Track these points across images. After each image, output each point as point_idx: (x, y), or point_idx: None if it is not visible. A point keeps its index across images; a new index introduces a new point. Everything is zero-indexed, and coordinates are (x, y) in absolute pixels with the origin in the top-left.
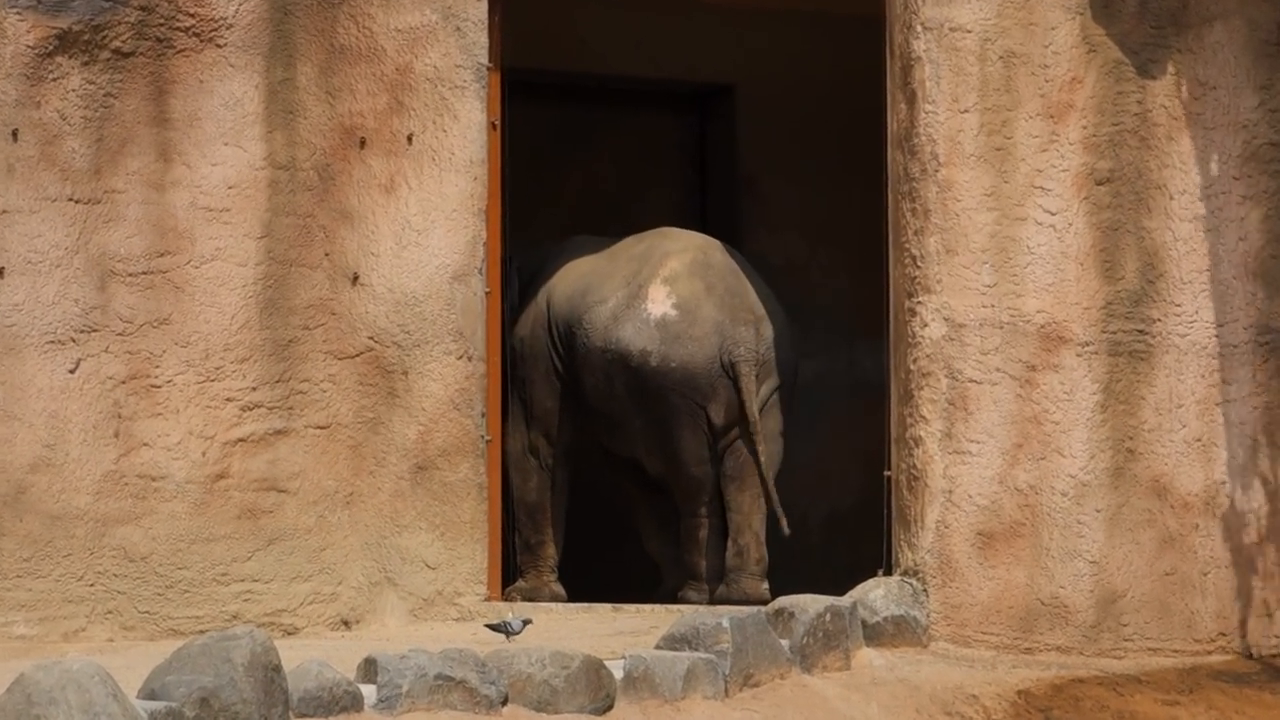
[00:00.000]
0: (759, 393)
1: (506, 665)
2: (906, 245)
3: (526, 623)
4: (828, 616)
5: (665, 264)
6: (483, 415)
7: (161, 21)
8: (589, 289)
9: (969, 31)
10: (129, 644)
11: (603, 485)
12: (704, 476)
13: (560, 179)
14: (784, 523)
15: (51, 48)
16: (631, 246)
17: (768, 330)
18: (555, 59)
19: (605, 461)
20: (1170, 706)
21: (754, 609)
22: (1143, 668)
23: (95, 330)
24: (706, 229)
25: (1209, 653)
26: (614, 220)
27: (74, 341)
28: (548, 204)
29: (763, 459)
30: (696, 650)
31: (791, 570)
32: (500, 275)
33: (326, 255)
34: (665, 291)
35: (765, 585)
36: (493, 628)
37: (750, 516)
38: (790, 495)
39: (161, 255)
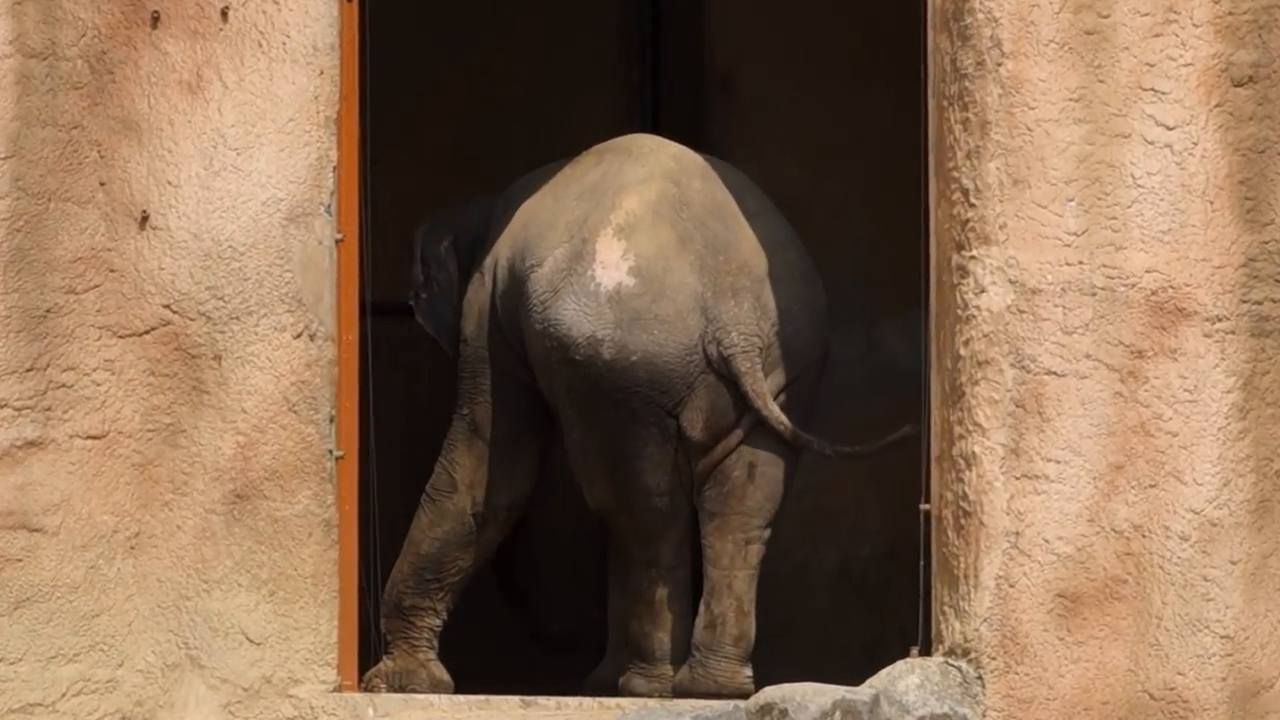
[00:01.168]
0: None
1: None
2: (955, 174)
3: None
4: (837, 716)
5: (620, 203)
6: (331, 420)
7: None
8: (527, 248)
9: None
10: None
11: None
12: (668, 511)
13: (446, 77)
14: (826, 446)
15: None
16: (585, 173)
17: (771, 299)
18: None
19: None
20: None
21: (729, 704)
22: None
23: None
24: None
25: None
26: (523, 140)
27: None
28: (425, 116)
29: (785, 434)
30: None
31: (785, 647)
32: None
33: (102, 185)
34: (620, 249)
35: (748, 671)
36: None
37: (733, 572)
38: (782, 538)
39: None
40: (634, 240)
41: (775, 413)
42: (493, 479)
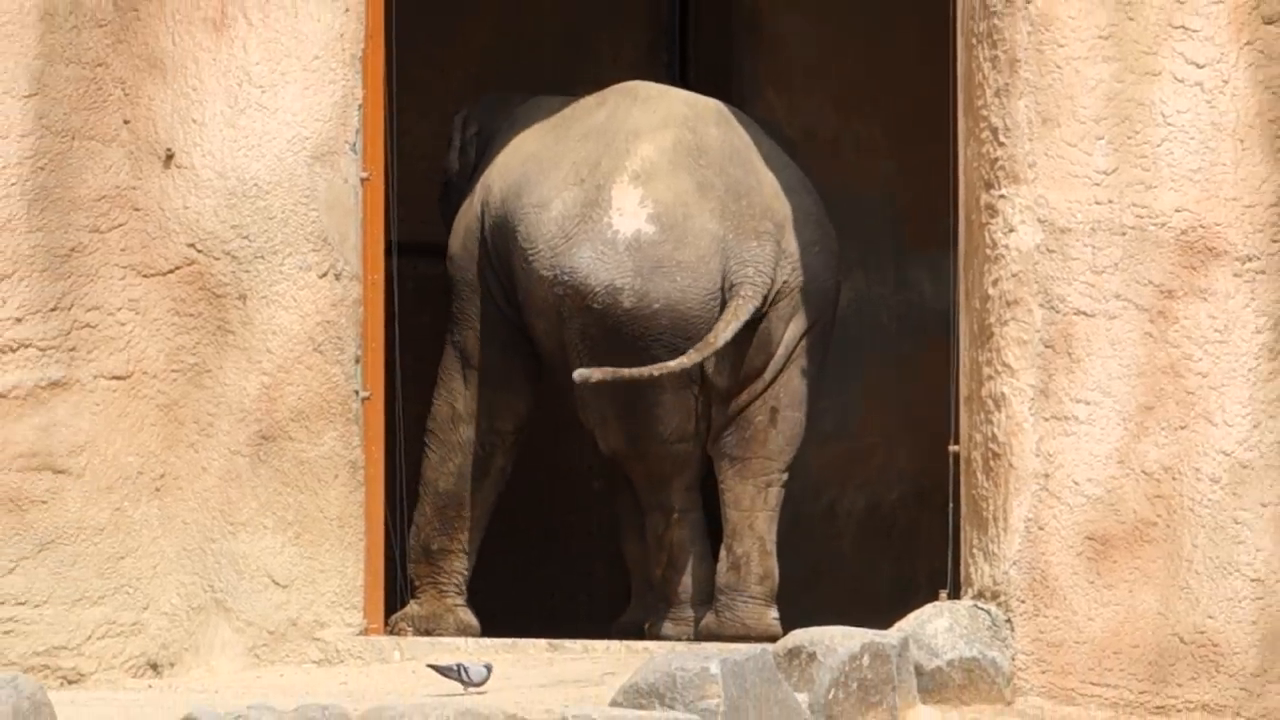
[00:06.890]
0: (783, 337)
1: None
2: (984, 112)
3: (488, 669)
4: (865, 659)
5: (635, 150)
6: (357, 360)
7: None
8: (525, 184)
9: None
10: None
11: (531, 465)
12: (684, 456)
13: (471, 15)
14: (593, 375)
15: None
16: (588, 114)
17: (793, 244)
18: None
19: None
20: None
21: (757, 648)
22: None
23: None
24: (690, 89)
25: None
26: (549, 78)
27: None
28: (449, 54)
29: (657, 370)
30: (672, 707)
31: (813, 591)
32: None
33: (126, 123)
34: (638, 196)
35: (774, 613)
36: (440, 671)
37: (754, 514)
38: (811, 480)
39: None
40: (651, 187)
41: (695, 356)
42: (493, 406)
